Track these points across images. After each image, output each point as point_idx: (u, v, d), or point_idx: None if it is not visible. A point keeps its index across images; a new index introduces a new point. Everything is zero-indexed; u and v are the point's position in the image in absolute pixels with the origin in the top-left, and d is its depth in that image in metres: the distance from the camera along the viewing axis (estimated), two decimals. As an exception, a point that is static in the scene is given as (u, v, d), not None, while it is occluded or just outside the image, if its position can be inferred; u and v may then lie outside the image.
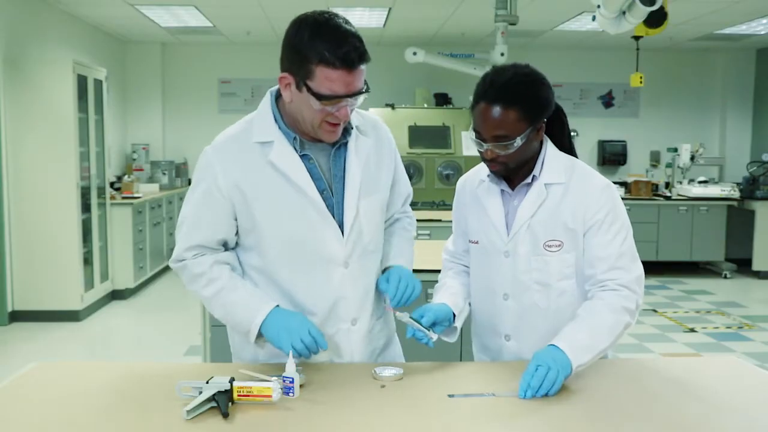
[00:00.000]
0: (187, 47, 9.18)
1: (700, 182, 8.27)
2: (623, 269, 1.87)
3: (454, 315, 1.97)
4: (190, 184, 2.00)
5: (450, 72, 8.14)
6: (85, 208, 6.27)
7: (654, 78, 9.02)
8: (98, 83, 6.53)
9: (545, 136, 1.94)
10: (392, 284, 1.88)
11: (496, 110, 1.79)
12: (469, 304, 2.08)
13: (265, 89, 2.03)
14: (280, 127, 1.83)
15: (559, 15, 7.32)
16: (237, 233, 1.88)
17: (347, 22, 1.73)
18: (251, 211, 1.82)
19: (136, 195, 7.28)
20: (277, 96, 1.88)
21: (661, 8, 4.58)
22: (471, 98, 1.88)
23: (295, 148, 1.81)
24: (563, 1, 6.67)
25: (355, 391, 1.75)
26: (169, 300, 7.08)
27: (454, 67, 7.97)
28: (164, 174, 8.40)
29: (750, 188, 8.22)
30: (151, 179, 8.30)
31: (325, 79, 1.67)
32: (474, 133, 1.85)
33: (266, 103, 1.88)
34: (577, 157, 1.99)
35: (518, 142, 1.81)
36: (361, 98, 1.74)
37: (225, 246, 1.89)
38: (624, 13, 4.77)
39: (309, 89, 1.70)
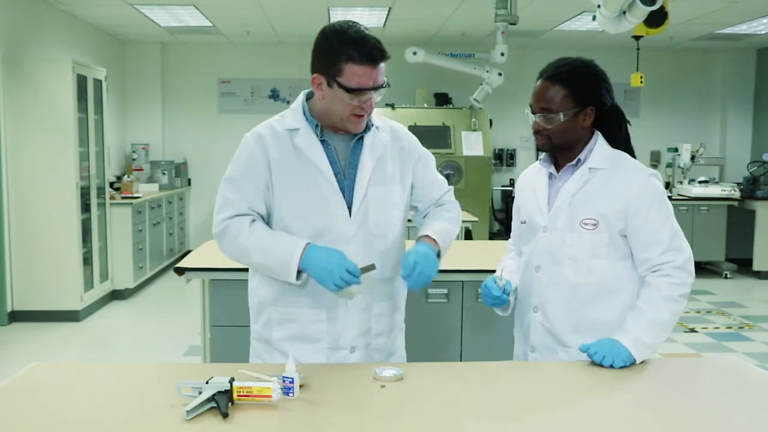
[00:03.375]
0: (186, 47, 9.17)
1: (700, 182, 8.27)
2: (677, 250, 2.00)
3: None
4: (190, 184, 2.11)
5: (450, 72, 8.14)
6: (85, 208, 6.27)
7: (654, 78, 9.02)
8: (98, 83, 6.53)
9: (597, 131, 2.10)
10: (407, 265, 1.99)
11: (547, 85, 2.03)
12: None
13: (265, 89, 2.20)
14: (306, 118, 2.08)
15: (559, 15, 7.32)
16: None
17: (366, 28, 1.98)
18: (273, 186, 2.05)
19: (135, 195, 7.28)
20: (308, 96, 2.13)
21: (662, 8, 4.57)
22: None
23: (316, 135, 2.06)
24: (563, 1, 6.67)
25: (355, 391, 1.75)
26: (169, 300, 7.09)
27: (454, 67, 7.96)
28: (164, 174, 8.40)
29: (750, 188, 8.22)
30: (150, 179, 8.30)
31: (353, 74, 1.93)
32: (529, 107, 2.07)
33: (298, 99, 2.14)
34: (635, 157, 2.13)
35: (560, 117, 2.00)
36: (383, 91, 2.00)
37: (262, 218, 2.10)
38: (624, 12, 4.76)
39: (340, 85, 1.95)
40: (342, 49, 1.92)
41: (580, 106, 2.02)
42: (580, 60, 2.08)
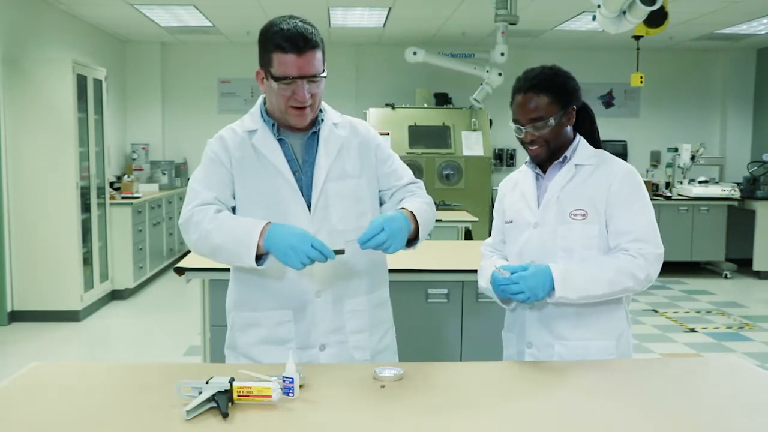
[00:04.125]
0: (186, 47, 9.17)
1: (700, 182, 8.27)
2: (647, 242, 2.03)
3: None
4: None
5: (450, 72, 8.14)
6: (85, 208, 6.27)
7: (654, 78, 9.02)
8: (98, 83, 6.53)
9: (578, 134, 2.16)
10: (372, 227, 1.91)
11: (530, 96, 2.06)
12: None
13: (265, 90, 2.17)
14: (264, 119, 2.11)
15: (559, 15, 7.32)
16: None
17: (305, 21, 2.00)
18: (235, 186, 2.08)
19: (135, 195, 7.28)
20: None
21: (662, 8, 4.57)
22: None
23: (273, 134, 2.08)
24: (563, 1, 6.67)
25: (355, 391, 1.75)
26: (169, 300, 7.08)
27: (454, 67, 7.96)
28: (164, 174, 8.40)
29: (750, 188, 8.22)
30: (150, 179, 8.30)
31: (279, 63, 1.95)
32: (513, 123, 2.11)
33: (258, 102, 2.18)
34: (602, 147, 2.19)
35: (551, 122, 2.05)
36: (321, 84, 2.00)
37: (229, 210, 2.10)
38: (624, 12, 4.76)
39: (271, 75, 1.97)
40: (270, 40, 1.96)
41: (564, 108, 2.07)
42: (548, 67, 2.12)
